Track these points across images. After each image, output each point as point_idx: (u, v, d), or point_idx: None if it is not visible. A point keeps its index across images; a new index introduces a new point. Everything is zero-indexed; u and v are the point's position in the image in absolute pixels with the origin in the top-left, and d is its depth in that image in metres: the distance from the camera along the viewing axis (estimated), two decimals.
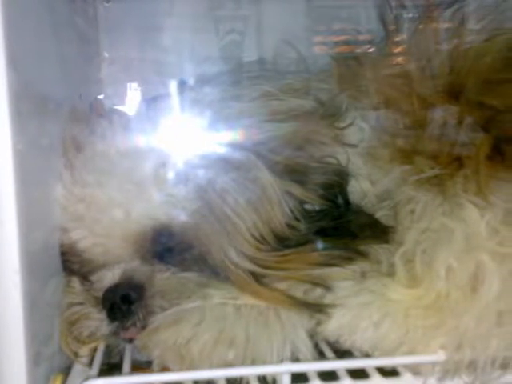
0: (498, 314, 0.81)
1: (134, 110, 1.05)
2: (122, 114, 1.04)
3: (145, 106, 1.02)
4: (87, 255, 0.93)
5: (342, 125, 0.96)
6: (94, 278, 0.93)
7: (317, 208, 0.92)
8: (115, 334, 0.91)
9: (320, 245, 0.89)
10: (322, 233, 0.90)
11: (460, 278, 0.82)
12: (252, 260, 0.88)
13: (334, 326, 0.87)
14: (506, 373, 0.81)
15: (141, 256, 0.92)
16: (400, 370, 0.86)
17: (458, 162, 0.88)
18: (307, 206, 0.92)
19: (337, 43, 1.41)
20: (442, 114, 0.91)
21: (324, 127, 0.95)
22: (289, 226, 0.90)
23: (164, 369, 0.85)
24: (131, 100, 1.40)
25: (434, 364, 0.83)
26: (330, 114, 0.97)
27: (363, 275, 0.90)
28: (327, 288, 0.88)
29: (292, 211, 0.90)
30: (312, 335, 0.88)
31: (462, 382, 0.82)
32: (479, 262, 0.81)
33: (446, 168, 0.88)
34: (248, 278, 0.88)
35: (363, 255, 0.90)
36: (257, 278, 0.88)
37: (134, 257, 0.92)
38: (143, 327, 0.89)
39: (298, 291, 0.89)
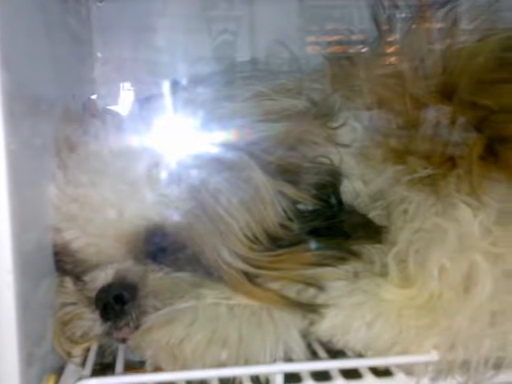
0: (491, 314, 0.81)
1: (127, 110, 1.05)
2: (115, 114, 1.04)
3: (138, 106, 1.02)
4: (80, 255, 0.92)
5: (335, 125, 0.96)
6: (87, 278, 0.93)
7: (310, 208, 0.92)
8: (108, 334, 0.91)
9: (313, 245, 0.89)
10: (314, 233, 0.90)
11: (453, 278, 0.82)
12: (245, 260, 0.88)
13: (327, 326, 0.87)
14: (499, 373, 0.81)
15: (134, 256, 0.92)
16: (393, 370, 0.86)
17: (451, 162, 0.89)
18: (300, 206, 0.92)
19: (330, 43, 1.41)
20: (434, 113, 0.91)
21: (317, 127, 0.95)
22: (282, 225, 0.90)
23: (157, 369, 0.85)
24: (124, 100, 1.40)
25: (427, 364, 0.83)
26: (322, 114, 0.97)
27: (356, 275, 0.90)
28: (320, 288, 0.88)
29: (285, 211, 0.90)
30: (305, 335, 0.89)
31: (455, 382, 0.83)
32: (472, 262, 0.81)
33: (439, 168, 0.88)
34: (241, 278, 0.88)
35: (356, 255, 0.90)
36: (250, 278, 0.88)
37: (127, 257, 0.92)
38: (136, 327, 0.89)
39: (291, 291, 0.89)
